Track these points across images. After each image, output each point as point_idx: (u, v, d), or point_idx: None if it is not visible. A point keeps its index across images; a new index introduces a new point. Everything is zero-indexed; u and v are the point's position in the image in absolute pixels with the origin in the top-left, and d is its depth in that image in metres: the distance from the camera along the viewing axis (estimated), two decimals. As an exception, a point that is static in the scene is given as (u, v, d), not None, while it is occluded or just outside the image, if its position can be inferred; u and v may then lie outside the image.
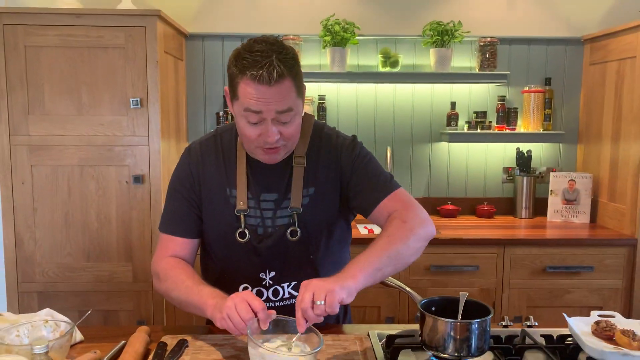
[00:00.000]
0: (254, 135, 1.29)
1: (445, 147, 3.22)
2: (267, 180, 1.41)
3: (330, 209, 1.44)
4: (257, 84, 1.23)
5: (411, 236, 1.33)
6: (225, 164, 1.43)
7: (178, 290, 1.34)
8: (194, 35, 3.06)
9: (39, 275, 2.56)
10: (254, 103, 1.24)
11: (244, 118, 1.28)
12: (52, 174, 2.51)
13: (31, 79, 2.45)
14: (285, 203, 1.40)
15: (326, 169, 1.43)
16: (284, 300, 1.44)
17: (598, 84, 3.00)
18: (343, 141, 1.47)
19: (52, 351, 1.18)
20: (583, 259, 2.64)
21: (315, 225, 1.41)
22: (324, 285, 1.15)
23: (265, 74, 1.21)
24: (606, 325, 1.28)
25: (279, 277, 1.42)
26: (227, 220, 1.40)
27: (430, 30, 2.98)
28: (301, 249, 1.40)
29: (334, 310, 1.13)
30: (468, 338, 1.20)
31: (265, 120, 1.27)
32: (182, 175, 1.45)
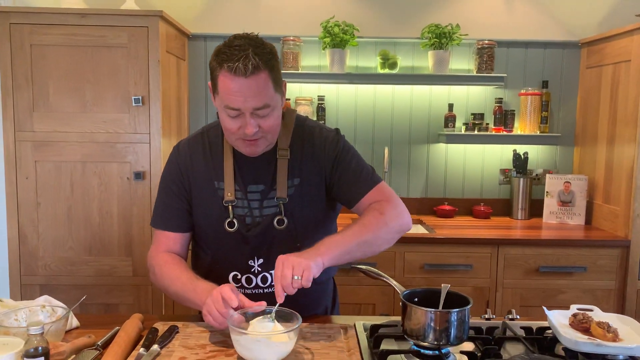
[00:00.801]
0: (234, 127, 1.35)
1: (442, 149, 3.26)
2: (254, 173, 1.46)
3: (316, 200, 1.49)
4: (234, 76, 1.28)
5: (384, 228, 1.42)
6: (212, 158, 1.48)
7: (174, 287, 1.42)
8: (197, 35, 3.12)
9: (41, 269, 2.62)
10: (232, 99, 1.30)
11: (224, 112, 1.34)
12: (56, 169, 2.58)
13: (36, 76, 2.52)
14: (271, 194, 1.45)
15: (310, 161, 1.48)
16: (271, 287, 1.48)
17: (594, 87, 3.03)
18: (327, 134, 1.52)
19: (48, 334, 1.24)
20: (576, 260, 2.67)
21: (302, 215, 1.46)
22: (301, 262, 1.24)
23: (240, 66, 1.26)
24: (583, 318, 1.31)
25: (266, 264, 1.47)
26: (216, 212, 1.46)
27: (428, 32, 3.02)
28: (288, 237, 1.45)
29: (308, 285, 1.23)
30: (447, 328, 1.24)
31: (243, 115, 1.32)
32: (172, 171, 1.51)
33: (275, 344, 1.17)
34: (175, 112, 2.86)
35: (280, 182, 1.44)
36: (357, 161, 1.52)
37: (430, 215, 3.21)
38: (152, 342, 1.27)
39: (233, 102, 1.30)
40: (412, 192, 3.27)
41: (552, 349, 1.32)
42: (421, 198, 3.27)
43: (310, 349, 1.28)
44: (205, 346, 1.29)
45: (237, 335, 1.19)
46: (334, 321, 1.52)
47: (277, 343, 1.18)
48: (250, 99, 1.30)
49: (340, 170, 1.49)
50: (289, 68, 3.04)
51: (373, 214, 1.42)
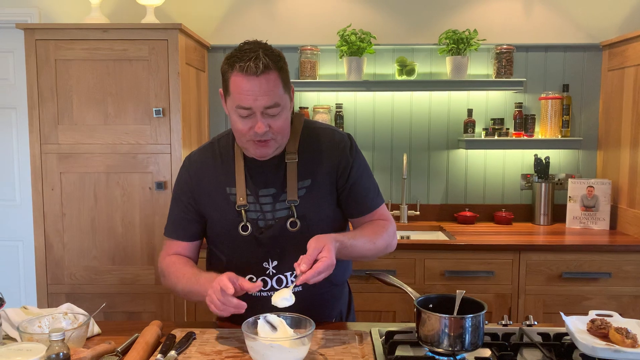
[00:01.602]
0: (245, 128, 1.38)
1: (462, 154, 3.24)
2: (264, 177, 1.49)
3: (327, 200, 1.52)
4: (245, 75, 1.32)
5: (384, 249, 1.54)
6: (223, 166, 1.52)
7: (181, 284, 1.46)
8: (216, 47, 3.17)
9: (67, 278, 2.68)
10: (243, 98, 1.34)
11: (236, 113, 1.38)
12: (80, 180, 2.64)
13: (61, 90, 2.59)
14: (283, 196, 1.48)
15: (321, 162, 1.51)
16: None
17: (616, 89, 2.99)
18: (340, 138, 1.54)
19: (69, 341, 1.27)
20: (601, 266, 2.62)
21: (313, 216, 1.49)
22: (332, 269, 1.30)
23: (252, 65, 1.31)
24: (601, 324, 1.30)
25: (281, 266, 1.49)
26: (229, 217, 1.49)
27: (446, 38, 3.02)
28: (301, 239, 1.45)
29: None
30: (461, 334, 1.24)
31: (254, 115, 1.36)
32: (181, 183, 1.56)
33: (288, 350, 1.18)
34: (195, 123, 2.91)
35: (290, 184, 1.47)
36: (367, 176, 1.57)
37: (451, 222, 3.19)
38: (170, 349, 1.29)
39: (244, 100, 1.34)
40: (432, 198, 3.26)
41: (570, 356, 1.30)
42: (441, 204, 3.26)
43: (325, 355, 1.28)
44: (221, 352, 1.31)
45: (250, 341, 1.20)
46: (350, 327, 1.52)
47: (291, 349, 1.19)
48: (260, 98, 1.34)
49: (351, 182, 1.52)
50: (306, 77, 3.07)
51: (384, 235, 1.52)
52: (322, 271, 1.27)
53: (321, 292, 1.55)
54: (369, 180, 1.57)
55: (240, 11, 3.16)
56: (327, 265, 1.28)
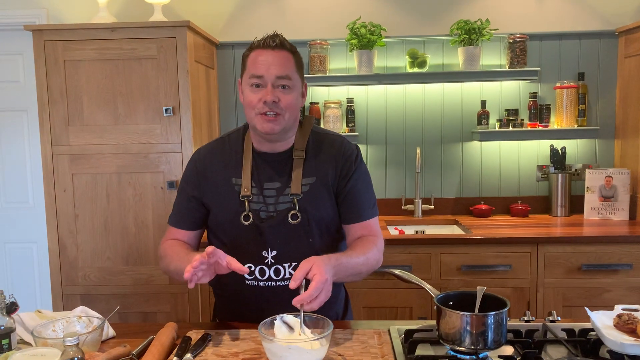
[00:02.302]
0: (256, 99, 1.45)
1: (476, 146, 3.19)
2: (270, 172, 1.54)
3: (329, 200, 1.56)
4: (261, 49, 1.46)
5: (374, 265, 1.53)
6: (231, 158, 1.57)
7: (174, 263, 1.50)
8: (224, 44, 3.15)
9: (81, 279, 2.67)
10: (257, 67, 1.44)
11: (248, 85, 1.46)
12: (92, 181, 2.63)
13: (71, 91, 2.58)
14: (286, 191, 1.53)
15: (327, 164, 1.56)
16: (285, 280, 1.51)
17: (634, 77, 2.92)
18: (348, 146, 1.60)
19: (84, 345, 1.25)
20: (621, 257, 2.57)
21: (315, 212, 1.52)
22: (328, 286, 1.29)
23: (269, 41, 1.46)
24: (628, 319, 1.25)
25: (280, 257, 1.51)
26: (233, 206, 1.52)
27: (457, 29, 2.97)
28: (301, 232, 1.51)
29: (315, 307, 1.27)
30: (484, 331, 1.20)
31: (265, 84, 1.44)
32: (189, 174, 1.62)
33: (307, 351, 1.16)
34: (205, 121, 2.89)
35: (295, 179, 1.52)
36: (366, 187, 1.59)
37: (466, 215, 3.14)
38: (185, 351, 1.27)
39: (258, 69, 1.44)
40: (446, 192, 3.22)
41: (596, 352, 1.26)
42: (456, 198, 3.21)
43: (344, 356, 1.26)
44: (237, 354, 1.28)
45: (268, 343, 1.18)
46: (368, 326, 1.49)
47: (309, 350, 1.16)
48: (273, 67, 1.44)
49: (349, 187, 1.56)
50: (316, 72, 3.03)
51: (374, 250, 1.52)
52: (318, 288, 1.24)
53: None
54: (367, 191, 1.60)
55: (249, 7, 3.13)
56: (320, 281, 1.25)
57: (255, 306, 1.52)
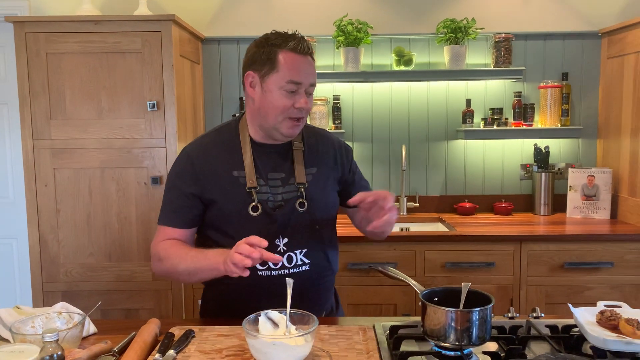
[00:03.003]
0: (289, 104, 1.47)
1: (461, 145, 3.20)
2: (272, 163, 1.56)
3: (331, 188, 1.63)
4: (298, 54, 1.46)
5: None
6: (228, 151, 1.55)
7: (185, 262, 1.46)
8: (210, 39, 3.12)
9: (62, 275, 2.63)
10: (296, 74, 1.45)
11: (282, 89, 1.46)
12: (74, 176, 2.59)
13: (53, 84, 2.54)
14: (291, 180, 1.55)
15: (326, 155, 1.64)
16: (297, 267, 1.53)
17: (616, 77, 2.95)
18: (343, 142, 1.73)
19: (64, 341, 1.23)
20: (602, 255, 2.60)
21: (320, 199, 1.57)
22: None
23: (305, 46, 1.47)
24: (610, 315, 1.27)
25: (291, 244, 1.53)
26: (240, 199, 1.51)
27: (443, 27, 2.98)
28: (308, 220, 1.54)
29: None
30: (468, 327, 1.20)
31: (300, 91, 1.47)
32: (181, 171, 1.56)
33: (291, 347, 1.15)
34: (190, 116, 2.86)
35: (299, 169, 1.55)
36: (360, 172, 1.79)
37: (450, 213, 3.16)
38: (168, 347, 1.26)
39: (297, 75, 1.45)
40: (431, 190, 3.23)
41: (579, 348, 1.27)
42: (440, 196, 3.22)
43: (328, 352, 1.25)
44: (221, 350, 1.27)
45: (252, 339, 1.17)
46: (353, 322, 1.49)
47: (294, 346, 1.15)
48: (309, 75, 1.48)
49: (352, 173, 1.71)
50: (303, 68, 3.02)
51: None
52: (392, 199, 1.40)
53: (323, 277, 1.60)
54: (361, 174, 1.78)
55: (235, 2, 3.10)
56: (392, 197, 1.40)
57: (267, 297, 1.46)
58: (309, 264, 1.54)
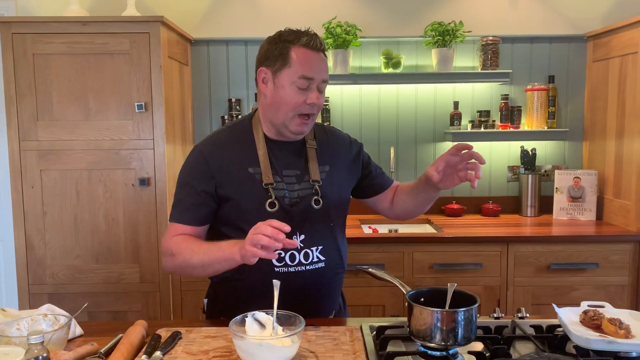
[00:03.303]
0: (300, 100, 1.48)
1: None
2: (286, 160, 1.57)
3: (344, 185, 1.66)
4: (310, 50, 1.47)
5: None
6: (242, 148, 1.56)
7: (198, 255, 1.44)
8: (199, 40, 3.12)
9: (49, 277, 2.62)
10: (308, 69, 1.46)
11: (294, 85, 1.47)
12: (61, 178, 2.58)
13: (40, 86, 2.53)
14: (306, 177, 1.57)
15: (338, 152, 1.66)
16: (313, 264, 1.54)
17: (602, 80, 2.99)
18: (350, 137, 1.74)
19: (49, 343, 1.23)
20: (588, 256, 2.63)
21: (334, 196, 1.60)
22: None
23: (317, 42, 1.48)
24: (594, 315, 1.28)
25: (308, 241, 1.53)
26: (256, 195, 1.51)
27: (431, 30, 3.00)
28: (324, 216, 1.56)
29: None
30: (454, 328, 1.22)
31: (311, 86, 1.48)
32: (195, 168, 1.55)
33: (278, 348, 1.15)
34: (179, 117, 2.85)
35: (313, 167, 1.57)
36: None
37: (438, 215, 3.18)
38: (155, 349, 1.26)
39: (309, 71, 1.46)
40: (419, 191, 3.24)
41: (563, 348, 1.29)
42: (429, 197, 3.23)
43: (315, 353, 1.26)
44: (208, 352, 1.27)
45: (239, 340, 1.17)
46: (340, 323, 1.49)
47: (280, 347, 1.16)
48: (321, 71, 1.49)
49: (368, 165, 1.75)
50: (292, 70, 3.03)
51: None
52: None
53: (337, 274, 1.61)
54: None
55: (224, 4, 3.10)
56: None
57: (283, 294, 1.44)
58: (324, 261, 1.55)
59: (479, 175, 1.42)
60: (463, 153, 1.43)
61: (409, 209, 1.73)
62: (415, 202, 1.69)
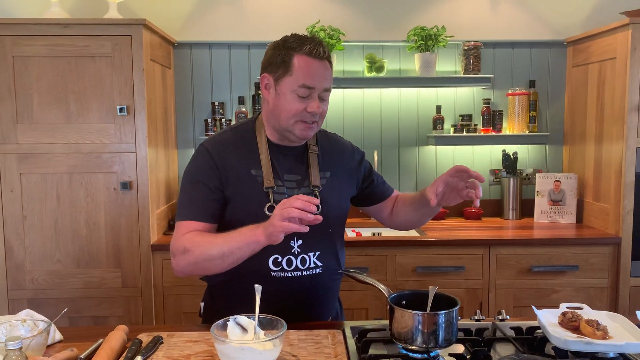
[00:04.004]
0: (301, 108, 1.47)
1: (432, 151, 3.25)
2: (288, 164, 1.57)
3: (344, 192, 1.66)
4: (313, 57, 1.46)
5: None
6: (246, 150, 1.56)
7: (217, 246, 1.41)
8: (182, 43, 3.11)
9: (29, 283, 2.58)
10: (309, 78, 1.46)
11: (294, 93, 1.47)
12: (42, 181, 2.55)
13: (20, 88, 2.50)
14: (306, 182, 1.57)
15: (340, 159, 1.66)
16: (310, 270, 1.54)
17: (581, 85, 3.04)
18: (352, 145, 1.75)
19: (28, 349, 1.21)
20: (568, 259, 2.66)
21: (333, 203, 1.59)
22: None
23: (320, 50, 1.47)
24: (572, 316, 1.30)
25: (305, 246, 1.53)
26: (257, 198, 1.51)
27: (414, 35, 3.02)
28: (321, 223, 1.48)
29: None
30: (435, 330, 1.22)
31: (313, 95, 1.47)
32: (203, 166, 1.54)
33: (259, 352, 1.15)
34: (161, 121, 2.84)
35: (314, 173, 1.57)
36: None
37: (421, 218, 3.19)
38: (136, 354, 1.25)
39: (310, 80, 1.45)
40: (402, 195, 3.26)
41: (542, 349, 1.31)
42: (412, 201, 3.25)
43: (297, 356, 1.26)
44: (189, 356, 1.26)
45: (220, 344, 1.17)
46: (322, 327, 1.49)
47: (262, 351, 1.15)
48: (323, 80, 1.48)
49: (370, 174, 1.75)
50: (275, 74, 3.03)
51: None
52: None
53: (334, 280, 1.62)
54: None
55: (207, 7, 3.10)
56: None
57: (280, 299, 1.46)
58: (321, 266, 1.55)
59: (479, 194, 1.43)
60: (461, 174, 1.44)
61: (410, 220, 1.74)
62: (416, 215, 1.70)
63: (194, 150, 3.13)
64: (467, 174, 1.43)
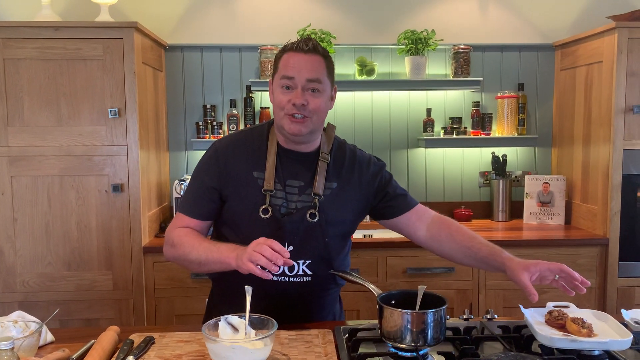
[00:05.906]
0: (285, 100, 1.48)
1: (422, 153, 3.28)
2: (295, 170, 1.57)
3: (348, 205, 1.61)
4: (294, 52, 1.49)
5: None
6: (255, 151, 1.58)
7: (197, 252, 1.48)
8: (173, 46, 3.12)
9: (19, 285, 2.58)
10: (289, 69, 1.48)
11: (279, 87, 1.50)
12: (33, 184, 2.54)
13: (10, 91, 2.50)
14: (308, 190, 1.56)
15: (351, 172, 1.62)
16: (298, 277, 1.54)
17: (569, 88, 3.08)
18: (370, 159, 1.68)
19: (20, 350, 1.22)
20: (557, 260, 2.64)
21: (334, 214, 1.57)
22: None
23: (302, 44, 1.49)
24: (558, 315, 1.33)
25: (296, 253, 1.52)
26: (253, 199, 1.53)
27: (404, 38, 3.05)
28: (318, 231, 1.54)
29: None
30: (424, 329, 1.24)
31: (295, 86, 1.48)
32: (208, 164, 1.60)
33: (250, 351, 1.16)
34: (153, 123, 2.84)
35: (319, 181, 1.56)
36: (397, 184, 1.72)
37: (412, 220, 3.21)
38: (127, 354, 1.25)
39: (289, 70, 1.47)
40: (393, 197, 3.28)
41: (529, 347, 1.33)
42: (403, 203, 3.28)
43: (288, 355, 1.27)
44: (181, 356, 1.27)
45: (211, 343, 1.18)
46: (313, 326, 1.51)
47: (253, 350, 1.17)
48: (304, 70, 1.47)
49: (386, 188, 1.66)
50: (267, 77, 3.04)
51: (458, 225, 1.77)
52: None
53: (326, 289, 1.63)
54: (401, 187, 1.73)
55: (199, 10, 3.11)
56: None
57: (266, 302, 1.47)
58: (310, 275, 1.53)
59: (579, 292, 1.40)
60: (565, 277, 1.43)
61: (459, 260, 1.74)
62: (470, 263, 1.71)
63: (185, 153, 3.18)
64: (571, 278, 1.39)
